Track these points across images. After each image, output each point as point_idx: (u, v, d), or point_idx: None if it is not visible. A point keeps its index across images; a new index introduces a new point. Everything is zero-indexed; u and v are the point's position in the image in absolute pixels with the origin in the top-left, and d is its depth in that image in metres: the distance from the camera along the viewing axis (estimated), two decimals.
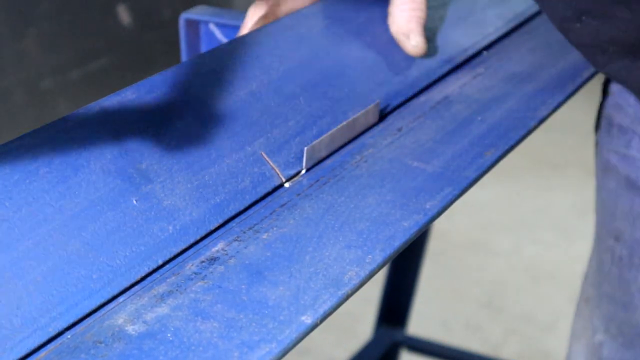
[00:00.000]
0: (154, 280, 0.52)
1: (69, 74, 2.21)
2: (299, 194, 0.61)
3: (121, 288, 0.51)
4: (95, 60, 2.28)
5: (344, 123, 0.66)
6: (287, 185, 0.62)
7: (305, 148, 0.62)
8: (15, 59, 2.08)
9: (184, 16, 0.79)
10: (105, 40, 2.31)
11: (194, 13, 0.79)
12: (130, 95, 0.57)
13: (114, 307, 0.50)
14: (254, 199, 0.59)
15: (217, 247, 0.55)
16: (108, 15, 2.31)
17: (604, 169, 0.81)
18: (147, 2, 2.41)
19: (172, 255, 0.54)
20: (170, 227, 0.54)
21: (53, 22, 2.14)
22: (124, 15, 2.33)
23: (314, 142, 0.63)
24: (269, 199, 0.60)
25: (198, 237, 0.55)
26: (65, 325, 0.48)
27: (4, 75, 2.07)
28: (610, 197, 0.80)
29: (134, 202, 0.53)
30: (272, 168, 0.62)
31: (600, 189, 0.82)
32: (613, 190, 0.79)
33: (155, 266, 0.53)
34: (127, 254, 0.52)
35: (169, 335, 0.47)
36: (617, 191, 0.79)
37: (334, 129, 0.65)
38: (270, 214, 0.58)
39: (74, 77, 2.23)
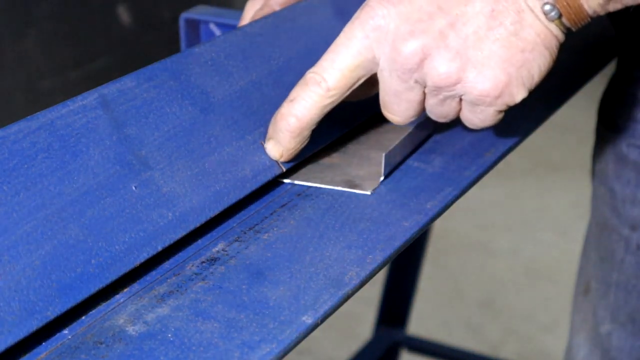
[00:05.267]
0: (155, 280, 0.52)
1: (69, 74, 2.21)
2: (299, 194, 0.61)
3: (120, 273, 0.51)
4: (95, 60, 2.28)
5: (413, 127, 0.65)
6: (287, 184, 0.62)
7: (384, 154, 0.61)
8: (15, 59, 2.08)
9: (184, 16, 0.79)
10: (105, 40, 2.31)
11: (194, 13, 0.79)
12: (129, 82, 0.57)
13: (114, 308, 0.50)
14: (253, 187, 0.59)
15: (217, 247, 0.55)
16: (108, 15, 2.31)
17: (619, 162, 0.82)
18: (147, 2, 2.41)
19: (171, 241, 0.54)
20: (170, 214, 0.54)
21: (53, 22, 2.14)
22: (124, 15, 2.33)
23: (389, 149, 0.62)
24: (269, 198, 0.60)
25: (197, 224, 0.55)
26: (63, 309, 0.48)
27: (4, 75, 2.07)
28: (626, 188, 0.81)
29: (133, 188, 0.53)
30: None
31: (610, 181, 0.83)
32: (631, 181, 0.80)
33: (154, 252, 0.52)
34: (126, 239, 0.51)
35: (169, 335, 0.47)
36: (637, 181, 0.80)
37: (405, 134, 0.64)
38: (271, 214, 0.58)
39: (74, 77, 2.23)
